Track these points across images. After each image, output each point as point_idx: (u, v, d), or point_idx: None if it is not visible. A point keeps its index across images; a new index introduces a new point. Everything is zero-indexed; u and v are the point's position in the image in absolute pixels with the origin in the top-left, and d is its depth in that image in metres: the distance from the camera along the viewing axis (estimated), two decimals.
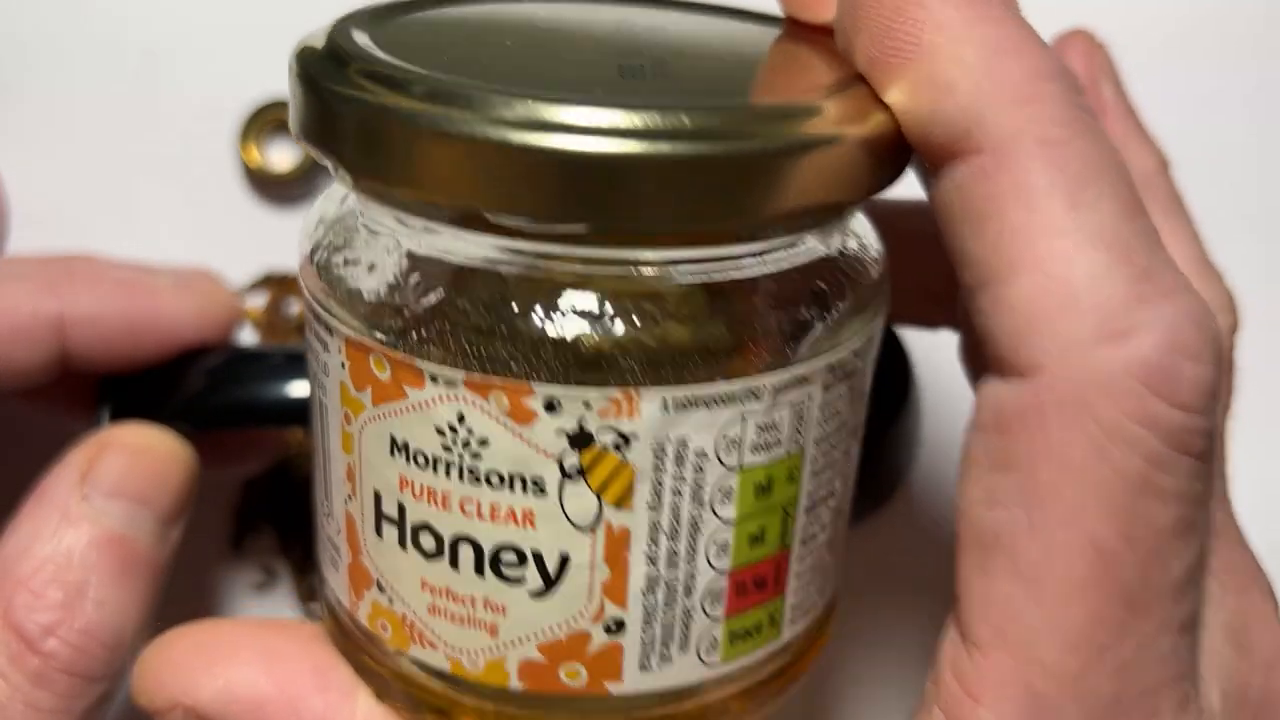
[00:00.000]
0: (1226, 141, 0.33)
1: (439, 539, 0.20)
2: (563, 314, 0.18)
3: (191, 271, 0.30)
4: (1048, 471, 0.17)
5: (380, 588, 0.21)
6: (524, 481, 0.19)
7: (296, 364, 0.27)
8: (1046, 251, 0.17)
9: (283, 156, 0.35)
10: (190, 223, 0.35)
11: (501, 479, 0.19)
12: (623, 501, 0.19)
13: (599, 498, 0.19)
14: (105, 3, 0.35)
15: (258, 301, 0.35)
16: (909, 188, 0.21)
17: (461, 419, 0.19)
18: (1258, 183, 0.33)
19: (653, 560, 0.19)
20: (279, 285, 0.35)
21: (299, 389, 0.27)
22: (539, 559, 0.19)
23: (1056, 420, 0.17)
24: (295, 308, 0.35)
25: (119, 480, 0.24)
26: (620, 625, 0.20)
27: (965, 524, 0.19)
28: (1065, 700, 0.18)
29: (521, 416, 0.18)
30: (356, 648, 0.22)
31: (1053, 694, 0.18)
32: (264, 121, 0.34)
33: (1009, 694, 0.18)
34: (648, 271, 0.19)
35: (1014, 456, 0.18)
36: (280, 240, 0.35)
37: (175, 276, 0.29)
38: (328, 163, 0.20)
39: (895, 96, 0.19)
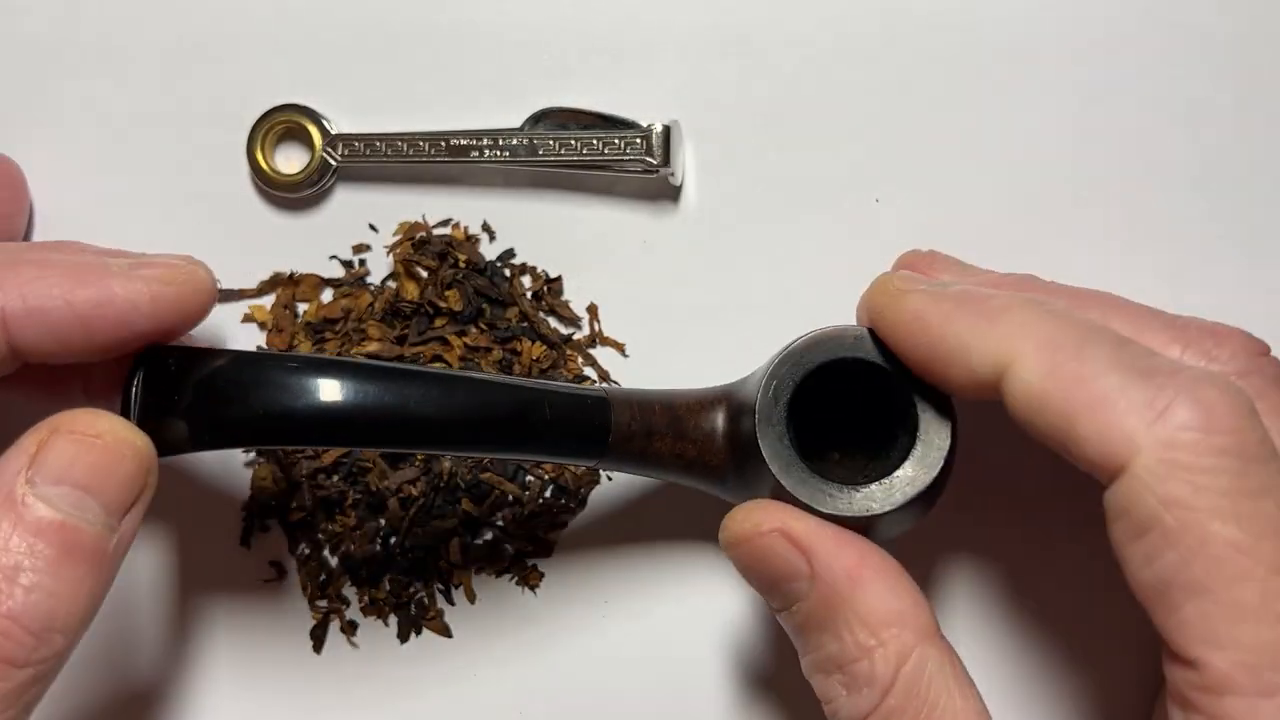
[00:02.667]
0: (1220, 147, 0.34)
1: None
2: None
3: (162, 257, 0.28)
4: (1181, 524, 0.22)
5: None
6: None
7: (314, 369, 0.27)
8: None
9: (290, 160, 0.36)
10: (199, 225, 0.35)
11: None
12: None
13: None
14: (118, 10, 0.36)
15: (265, 302, 0.35)
16: None
17: None
18: (1248, 188, 0.34)
19: None
20: (286, 286, 0.35)
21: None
22: None
23: None
24: (302, 308, 0.35)
25: (65, 466, 0.24)
26: None
27: (1141, 592, 0.23)
28: None
29: None
30: None
31: None
32: (272, 126, 0.35)
33: None
34: None
35: (1152, 531, 0.22)
36: (288, 243, 0.35)
37: (136, 262, 0.27)
38: None
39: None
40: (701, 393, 0.30)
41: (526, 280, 0.35)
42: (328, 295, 0.35)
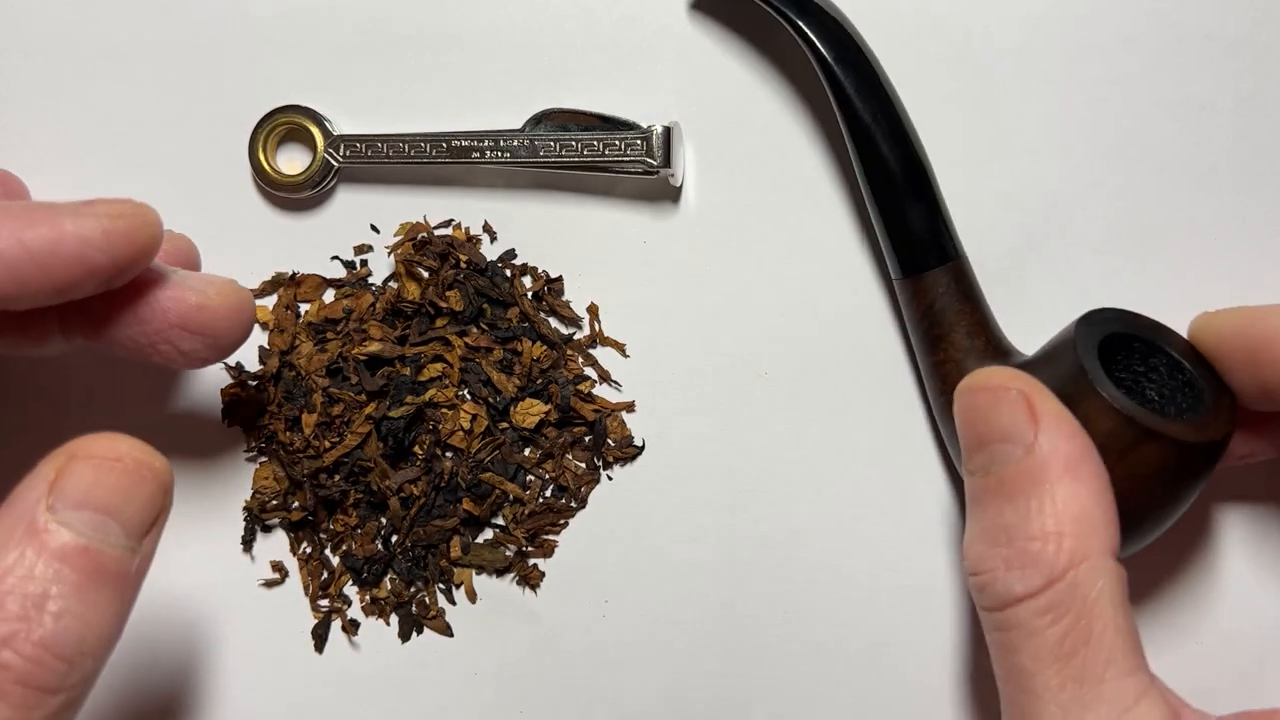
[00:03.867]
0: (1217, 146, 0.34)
1: None
2: None
3: (108, 199, 0.28)
4: None
5: None
6: None
7: None
8: None
9: (292, 161, 0.36)
10: (202, 226, 0.35)
11: None
12: None
13: None
14: (120, 12, 0.36)
15: (267, 303, 0.35)
16: None
17: None
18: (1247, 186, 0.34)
19: None
20: (288, 286, 0.35)
21: None
22: None
23: None
24: (304, 308, 0.35)
25: (86, 491, 0.24)
26: None
27: None
28: None
29: None
30: None
31: None
32: (274, 127, 0.35)
33: None
34: None
35: None
36: (289, 243, 0.36)
37: (83, 203, 0.27)
38: None
39: None
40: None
41: (527, 280, 0.35)
42: (329, 295, 0.35)
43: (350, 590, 0.35)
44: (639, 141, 0.33)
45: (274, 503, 0.34)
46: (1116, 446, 0.27)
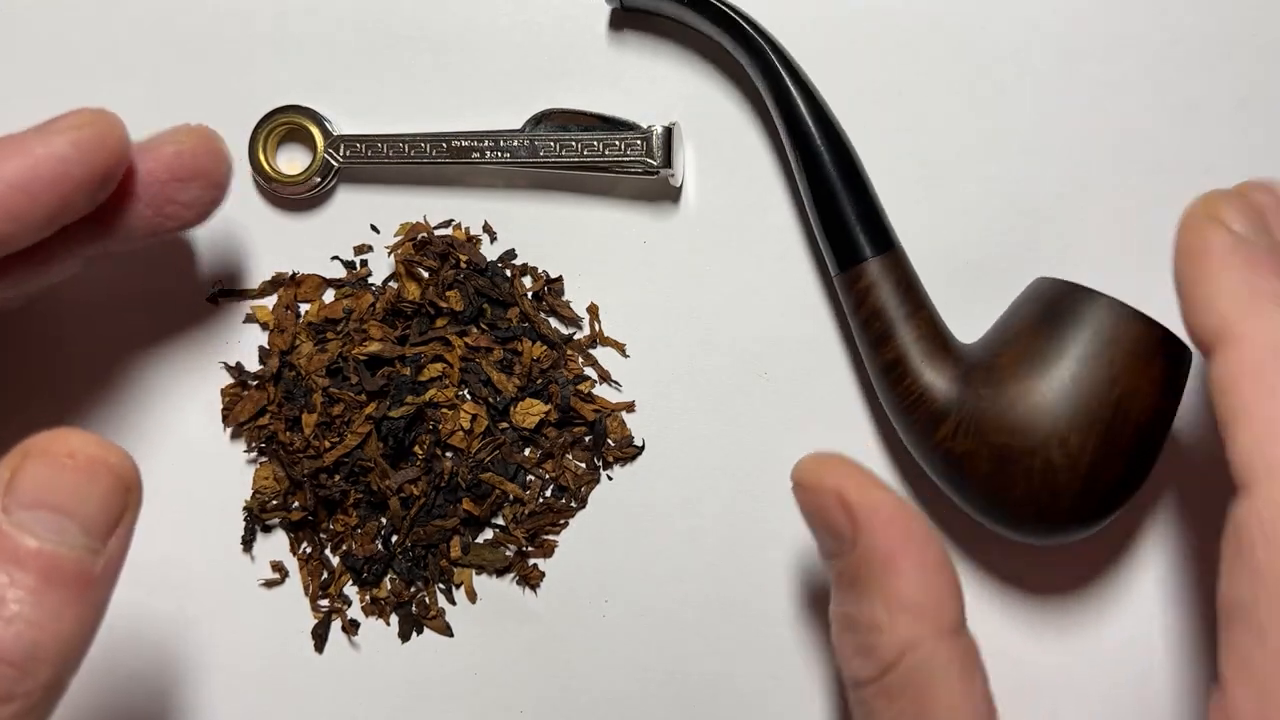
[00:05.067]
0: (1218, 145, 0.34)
1: None
2: None
3: (65, 114, 0.28)
4: (1268, 562, 0.23)
5: None
6: None
7: None
8: None
9: (292, 161, 0.36)
10: (202, 226, 0.35)
11: None
12: None
13: None
14: (119, 12, 0.36)
15: (267, 303, 0.35)
16: None
17: None
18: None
19: None
20: (288, 287, 0.35)
21: None
22: None
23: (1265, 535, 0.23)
24: (304, 308, 0.35)
25: (40, 491, 0.23)
26: None
27: (1219, 601, 0.24)
28: None
29: None
30: None
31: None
32: (274, 127, 0.35)
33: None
34: None
35: (1245, 555, 0.23)
36: (289, 243, 0.36)
37: (42, 125, 0.28)
38: None
39: None
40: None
41: (527, 281, 0.35)
42: (329, 295, 0.35)
43: (350, 590, 0.35)
44: (639, 142, 0.33)
45: (274, 503, 0.34)
46: (1146, 350, 0.29)
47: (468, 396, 0.34)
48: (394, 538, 0.34)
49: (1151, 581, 0.34)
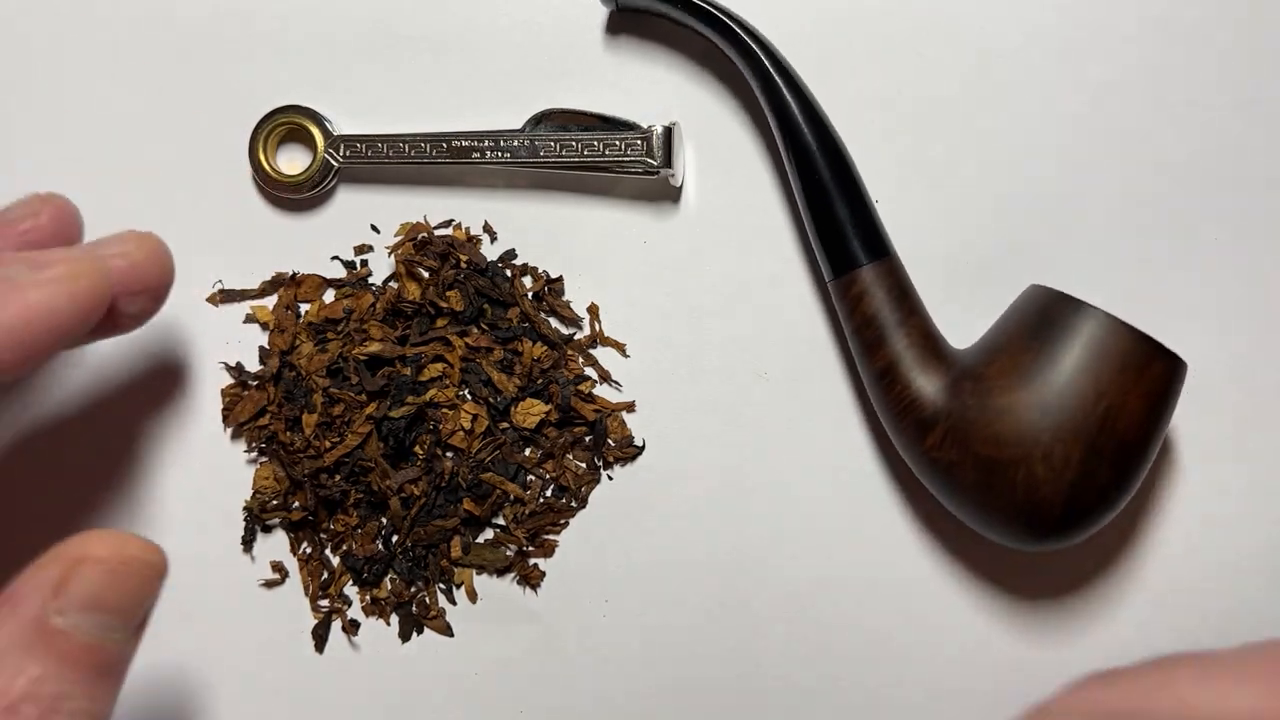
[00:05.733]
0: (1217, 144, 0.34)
1: None
2: None
3: (58, 253, 0.28)
4: None
5: None
6: None
7: None
8: None
9: (292, 162, 0.36)
10: (202, 226, 0.35)
11: None
12: None
13: None
14: (119, 13, 0.36)
15: (268, 303, 0.35)
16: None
17: None
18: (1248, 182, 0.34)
19: None
20: (288, 287, 0.35)
21: None
22: None
23: None
24: (304, 309, 0.35)
25: (94, 596, 0.24)
26: None
27: None
28: None
29: None
30: None
31: None
32: (274, 127, 0.35)
33: None
34: None
35: None
36: (290, 243, 0.36)
37: (35, 262, 0.27)
38: None
39: None
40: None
41: (527, 281, 0.35)
42: (330, 296, 0.35)
43: (351, 590, 0.35)
44: (639, 141, 0.33)
45: (274, 503, 0.34)
46: (1135, 364, 0.29)
47: (468, 396, 0.34)
48: (394, 538, 0.34)
49: (1144, 585, 0.34)
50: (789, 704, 0.34)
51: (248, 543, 0.35)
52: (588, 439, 0.35)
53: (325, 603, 0.35)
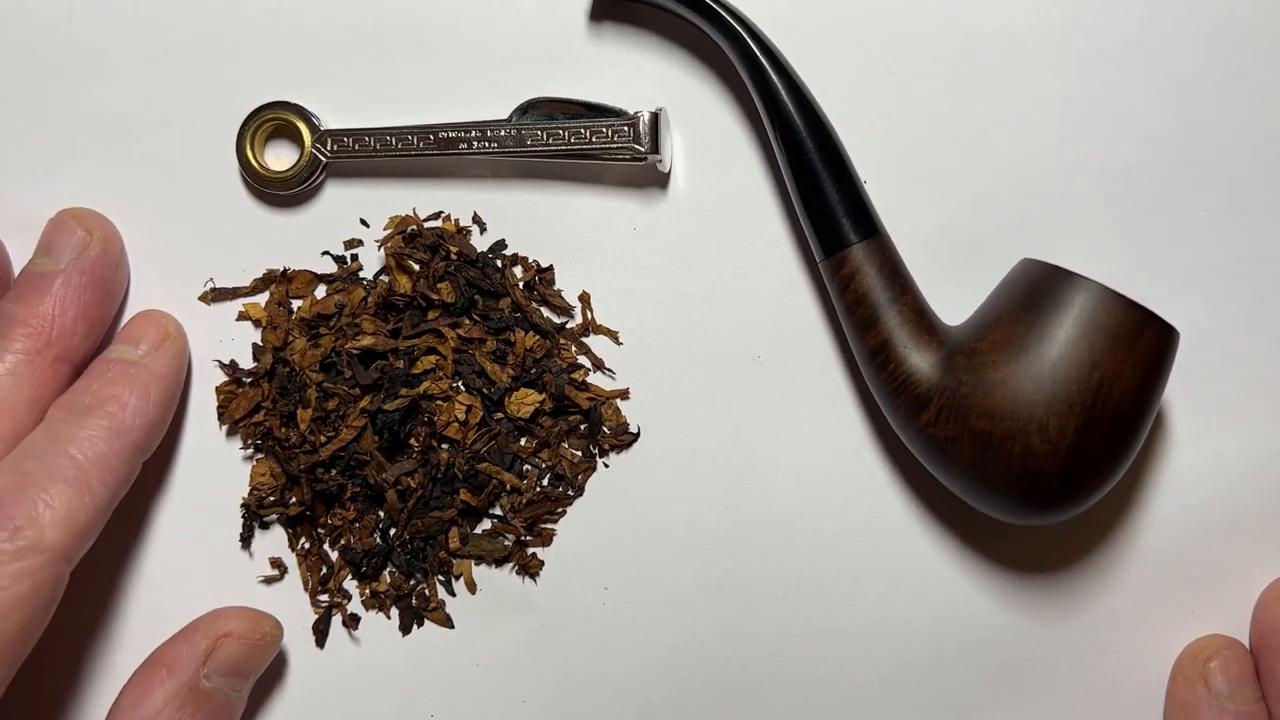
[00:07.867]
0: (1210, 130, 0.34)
1: None
2: None
3: (131, 328, 0.34)
4: None
5: None
6: None
7: None
8: None
9: (280, 157, 0.36)
10: (191, 224, 0.35)
11: None
12: None
13: None
14: (105, 10, 0.36)
15: (259, 300, 0.35)
16: None
17: None
18: (1242, 170, 0.34)
19: None
20: (279, 283, 0.35)
21: None
22: None
23: None
24: (296, 304, 0.35)
25: (235, 664, 0.32)
26: None
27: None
28: None
29: None
30: None
31: None
32: (261, 123, 0.35)
33: None
34: None
35: None
36: (280, 240, 0.36)
37: (128, 338, 0.33)
38: None
39: None
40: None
41: (518, 270, 0.35)
42: (321, 291, 0.35)
43: (350, 584, 0.35)
44: (626, 128, 0.33)
45: (271, 498, 0.34)
46: (1127, 333, 0.29)
47: (462, 388, 0.34)
48: (392, 530, 0.34)
49: (1140, 557, 0.34)
50: (790, 683, 0.34)
51: (246, 540, 0.35)
52: (583, 427, 0.35)
53: (325, 597, 0.35)
